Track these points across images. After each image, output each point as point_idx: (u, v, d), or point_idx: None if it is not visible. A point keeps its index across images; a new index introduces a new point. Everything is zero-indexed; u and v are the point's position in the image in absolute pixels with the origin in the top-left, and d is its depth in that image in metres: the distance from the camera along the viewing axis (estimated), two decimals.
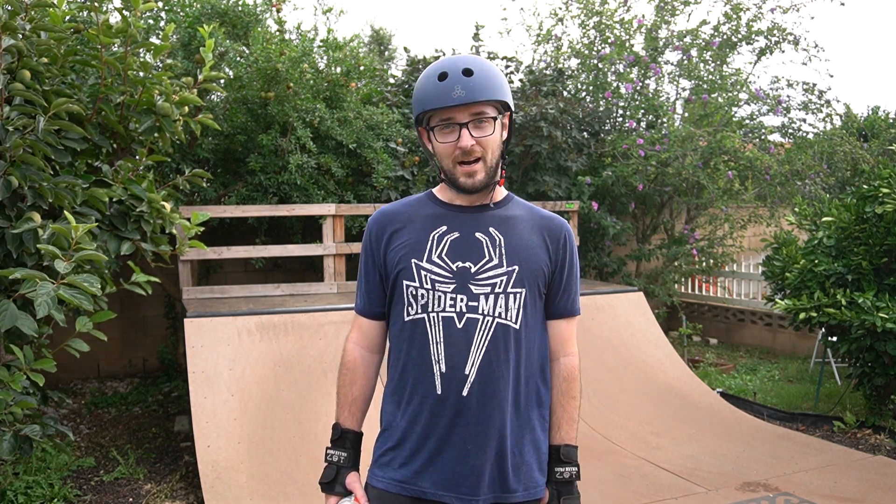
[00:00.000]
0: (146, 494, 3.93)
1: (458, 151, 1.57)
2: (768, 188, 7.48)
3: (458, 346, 1.58)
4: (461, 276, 1.60)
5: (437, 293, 1.60)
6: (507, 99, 1.60)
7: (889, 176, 4.65)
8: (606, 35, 7.78)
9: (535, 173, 6.93)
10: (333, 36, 6.31)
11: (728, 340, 8.17)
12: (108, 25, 3.09)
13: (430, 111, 1.58)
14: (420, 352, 1.61)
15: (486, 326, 1.59)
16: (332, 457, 1.71)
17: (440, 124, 1.58)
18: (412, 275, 1.62)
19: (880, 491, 3.82)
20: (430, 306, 1.60)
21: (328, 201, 5.86)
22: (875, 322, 4.42)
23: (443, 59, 1.62)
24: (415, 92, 1.63)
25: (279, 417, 4.11)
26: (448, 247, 1.63)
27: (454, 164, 1.59)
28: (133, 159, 3.31)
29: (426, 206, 1.71)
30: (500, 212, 1.68)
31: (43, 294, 2.20)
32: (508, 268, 1.61)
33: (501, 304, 1.60)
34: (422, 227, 1.66)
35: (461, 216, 1.66)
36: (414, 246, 1.64)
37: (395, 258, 1.66)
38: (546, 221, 1.71)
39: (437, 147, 1.61)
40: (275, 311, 4.67)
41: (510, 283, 1.61)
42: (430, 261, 1.62)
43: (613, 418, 4.78)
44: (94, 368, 6.47)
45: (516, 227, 1.67)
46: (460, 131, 1.56)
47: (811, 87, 7.82)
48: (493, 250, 1.62)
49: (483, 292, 1.60)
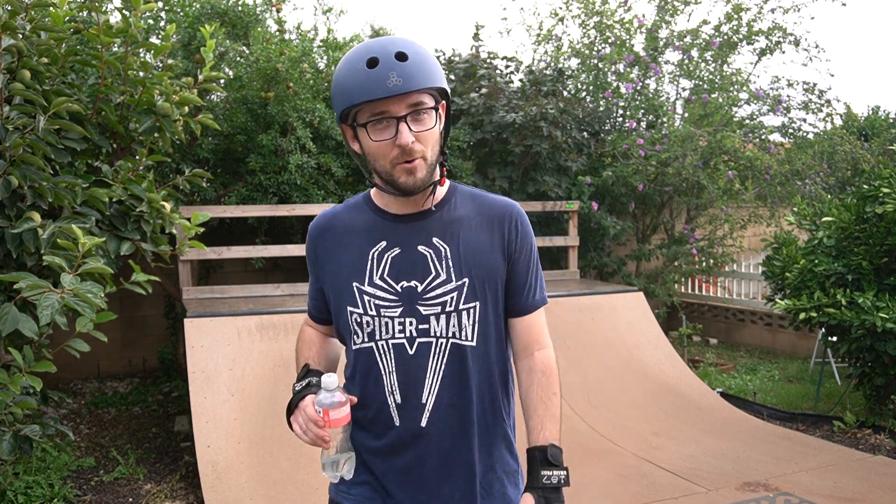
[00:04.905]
0: (146, 494, 3.93)
1: (395, 150, 1.36)
2: (768, 188, 7.48)
3: (412, 374, 1.45)
4: (408, 297, 1.44)
5: (383, 319, 1.44)
6: (446, 85, 1.40)
7: (889, 176, 4.65)
8: (607, 35, 7.78)
9: (535, 173, 6.93)
10: (333, 36, 6.31)
11: (728, 340, 8.16)
12: (109, 25, 3.09)
13: (360, 105, 1.34)
14: (374, 382, 1.47)
15: (440, 349, 1.45)
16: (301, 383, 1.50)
17: (373, 119, 1.35)
18: (354, 300, 1.46)
19: (880, 491, 3.82)
20: (378, 334, 1.45)
21: (328, 201, 5.87)
22: (875, 322, 4.42)
23: (367, 43, 1.37)
24: (336, 83, 1.39)
25: (279, 417, 4.10)
26: (389, 265, 1.46)
27: (392, 165, 1.38)
28: (133, 159, 3.31)
29: (364, 214, 1.52)
30: (442, 216, 1.49)
31: (48, 305, 2.20)
32: (458, 282, 1.45)
33: (454, 324, 1.44)
34: (360, 243, 1.49)
35: (400, 228, 1.48)
36: (353, 266, 1.48)
37: (334, 279, 1.51)
38: (494, 211, 1.51)
39: (370, 146, 1.38)
40: (275, 311, 4.67)
41: (461, 300, 1.45)
42: (373, 283, 1.46)
43: (613, 418, 4.78)
44: (94, 368, 6.47)
45: (462, 231, 1.48)
46: (398, 126, 1.34)
47: (811, 86, 7.82)
48: (439, 264, 1.45)
49: (433, 312, 1.44)
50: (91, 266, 2.39)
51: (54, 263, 2.34)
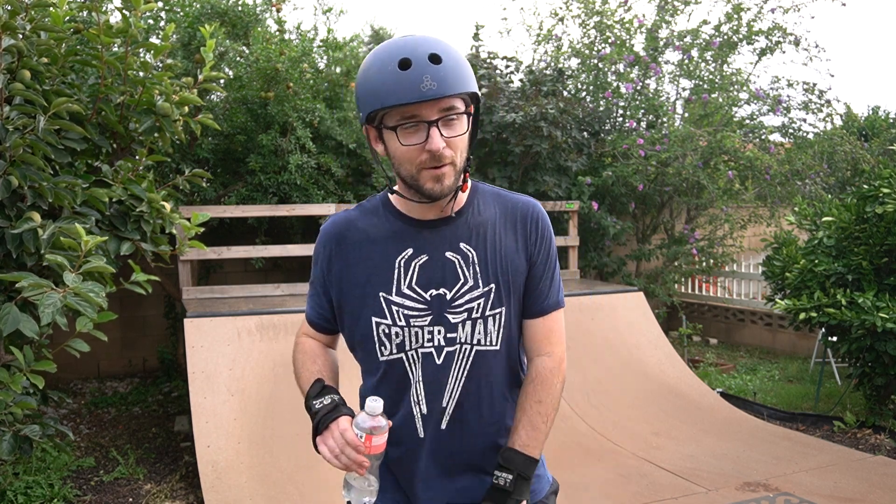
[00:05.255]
0: (146, 494, 3.93)
1: (425, 156, 1.31)
2: (768, 188, 7.48)
3: (438, 382, 1.42)
4: (437, 306, 1.40)
5: (413, 329, 1.40)
6: (477, 89, 1.36)
7: (889, 176, 4.65)
8: (607, 35, 7.78)
9: (535, 173, 6.93)
10: (333, 36, 6.31)
11: (728, 340, 8.17)
12: (109, 25, 3.09)
13: (390, 108, 1.29)
14: (401, 392, 1.44)
15: (464, 355, 1.42)
16: (322, 401, 1.40)
17: (403, 123, 1.30)
18: (382, 311, 1.41)
19: (880, 491, 3.82)
20: (408, 344, 1.41)
21: (328, 201, 5.87)
22: (875, 322, 4.42)
23: (396, 41, 1.31)
24: (364, 82, 1.33)
25: (279, 417, 4.11)
26: (418, 273, 1.41)
27: (418, 170, 1.33)
28: (133, 159, 3.31)
29: (385, 220, 1.46)
30: (468, 219, 1.45)
31: (49, 304, 2.20)
32: (485, 288, 1.42)
33: (480, 330, 1.42)
34: (383, 249, 1.43)
35: (425, 234, 1.43)
36: (378, 275, 1.42)
37: (353, 289, 1.44)
38: (516, 210, 1.48)
39: (398, 150, 1.33)
40: (275, 311, 4.67)
41: (488, 306, 1.42)
42: (401, 293, 1.41)
43: (613, 418, 4.78)
44: (94, 368, 6.47)
45: (488, 234, 1.45)
46: (428, 131, 1.29)
47: (811, 86, 7.82)
48: (467, 270, 1.42)
49: (460, 320, 1.41)
50: (93, 265, 2.39)
51: (55, 262, 2.34)
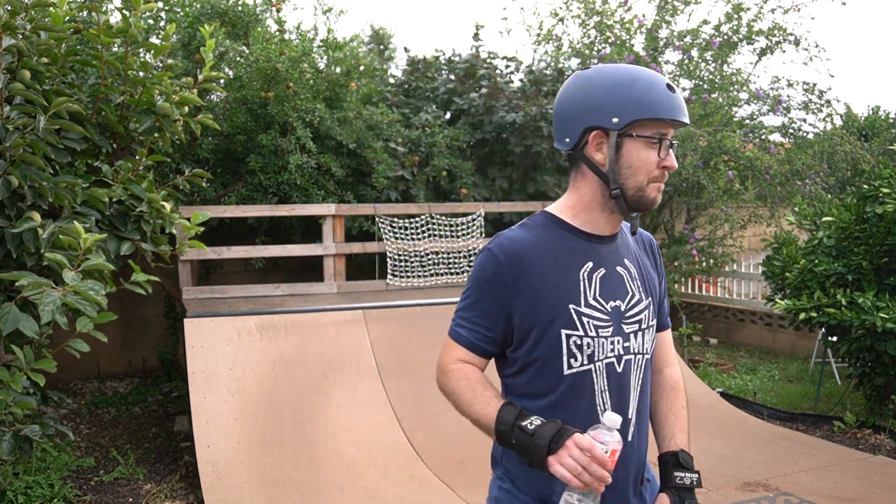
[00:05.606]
0: (146, 494, 3.93)
1: (659, 171, 1.45)
2: (768, 188, 7.48)
3: (622, 392, 1.49)
4: (616, 317, 1.49)
5: (600, 339, 1.46)
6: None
7: (889, 176, 4.65)
8: (607, 35, 7.78)
9: (536, 173, 6.93)
10: (333, 36, 6.31)
11: (728, 340, 8.17)
12: (109, 25, 3.09)
13: (648, 119, 1.41)
14: (587, 405, 1.46)
15: (638, 365, 1.52)
16: (532, 421, 1.38)
17: (651, 136, 1.43)
18: (572, 323, 1.45)
19: (880, 491, 3.82)
20: (597, 354, 1.46)
21: (328, 201, 5.87)
22: (875, 322, 4.42)
23: (641, 70, 1.47)
24: (631, 92, 1.42)
25: (279, 417, 4.11)
26: (600, 286, 1.49)
27: (647, 181, 1.45)
28: (133, 159, 3.31)
29: (559, 237, 1.51)
30: (622, 239, 1.57)
31: (49, 303, 2.20)
32: (646, 300, 1.55)
33: (648, 341, 1.54)
34: (566, 264, 1.48)
35: (598, 248, 1.51)
36: (566, 288, 1.46)
37: (541, 304, 1.45)
38: (643, 236, 1.66)
39: (636, 159, 1.44)
40: (275, 311, 4.67)
41: (651, 317, 1.55)
42: (588, 304, 1.47)
43: None
44: (94, 368, 6.47)
45: (636, 254, 1.59)
46: (670, 150, 1.45)
47: (811, 86, 7.82)
48: (632, 284, 1.53)
49: (633, 330, 1.51)
50: (93, 263, 2.39)
51: (55, 260, 2.34)
